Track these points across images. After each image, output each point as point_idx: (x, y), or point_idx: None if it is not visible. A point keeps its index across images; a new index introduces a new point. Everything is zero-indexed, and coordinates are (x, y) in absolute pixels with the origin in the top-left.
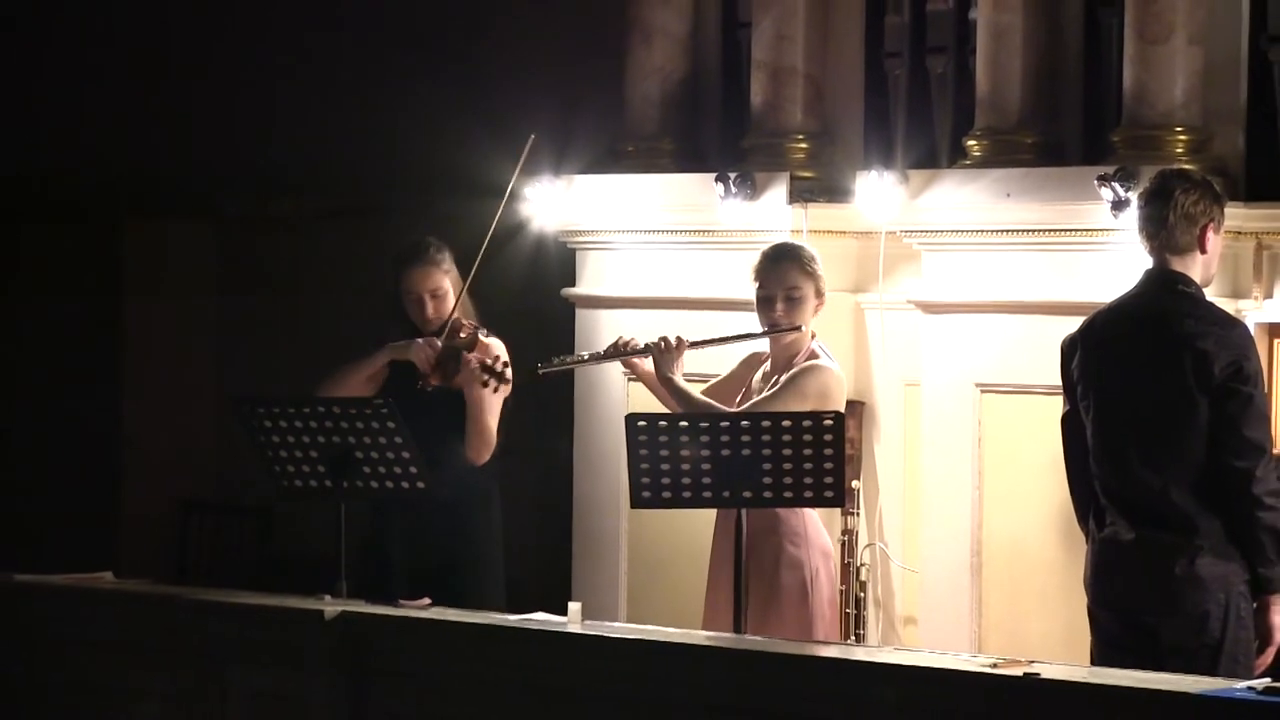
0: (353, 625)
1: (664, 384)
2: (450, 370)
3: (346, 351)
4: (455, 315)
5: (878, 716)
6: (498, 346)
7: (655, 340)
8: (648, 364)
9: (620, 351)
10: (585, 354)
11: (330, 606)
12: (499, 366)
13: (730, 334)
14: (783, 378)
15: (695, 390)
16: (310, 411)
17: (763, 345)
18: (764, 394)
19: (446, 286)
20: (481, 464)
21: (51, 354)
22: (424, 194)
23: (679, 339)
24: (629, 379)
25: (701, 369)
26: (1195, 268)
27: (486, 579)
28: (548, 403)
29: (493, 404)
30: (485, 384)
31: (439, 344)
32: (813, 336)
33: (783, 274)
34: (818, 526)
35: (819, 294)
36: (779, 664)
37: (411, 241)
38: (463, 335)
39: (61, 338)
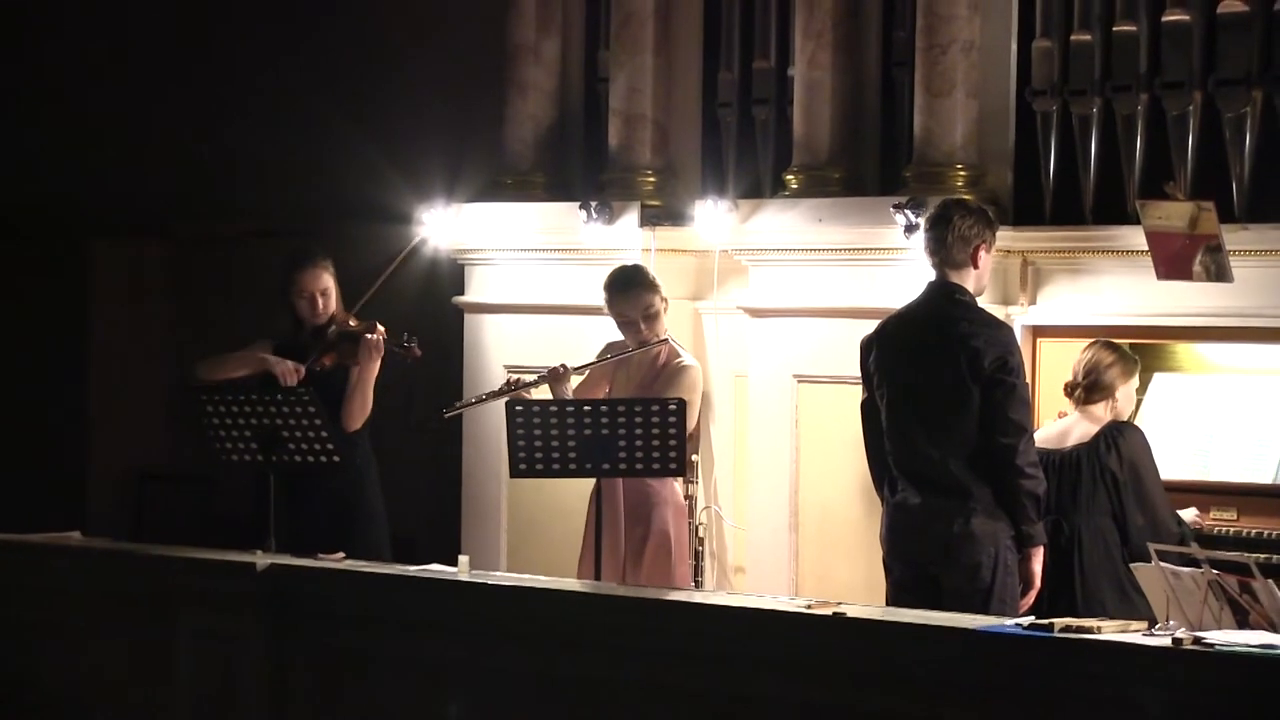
0: (281, 575)
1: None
2: (347, 352)
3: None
4: (337, 309)
5: (714, 648)
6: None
7: (548, 370)
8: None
9: (514, 387)
10: (484, 394)
11: (261, 559)
12: (381, 338)
13: (608, 356)
14: (659, 380)
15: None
16: (246, 398)
17: (614, 340)
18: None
19: (332, 286)
20: (353, 431)
21: (28, 354)
22: (341, 217)
23: (564, 366)
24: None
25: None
26: (969, 280)
27: (374, 531)
28: (443, 390)
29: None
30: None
31: (303, 371)
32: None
33: (635, 298)
34: (676, 492)
35: (665, 301)
36: (631, 605)
37: (300, 246)
38: (352, 324)
39: (36, 340)
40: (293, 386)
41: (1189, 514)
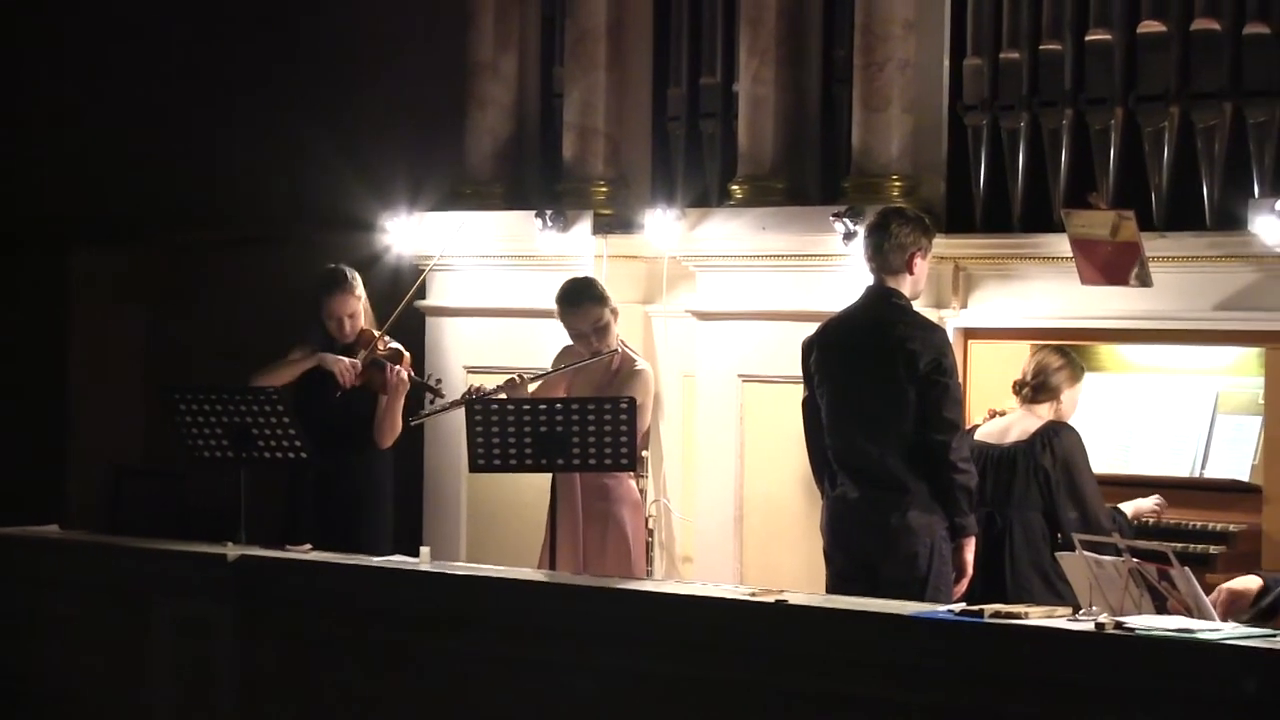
0: (250, 565)
1: None
2: (376, 379)
3: (249, 355)
4: (366, 329)
5: (662, 635)
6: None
7: (504, 381)
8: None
9: (475, 396)
10: (448, 402)
11: (232, 551)
12: (407, 371)
13: (562, 366)
14: (613, 384)
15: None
16: (216, 398)
17: (571, 344)
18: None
19: (359, 309)
20: (385, 448)
21: (8, 357)
22: (307, 227)
23: (521, 376)
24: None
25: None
26: (905, 285)
27: (382, 530)
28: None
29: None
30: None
31: (359, 365)
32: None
33: (585, 312)
34: (632, 489)
35: (614, 312)
36: (582, 593)
37: (330, 271)
38: (380, 350)
39: (16, 344)
40: (267, 386)
41: (1150, 502)
